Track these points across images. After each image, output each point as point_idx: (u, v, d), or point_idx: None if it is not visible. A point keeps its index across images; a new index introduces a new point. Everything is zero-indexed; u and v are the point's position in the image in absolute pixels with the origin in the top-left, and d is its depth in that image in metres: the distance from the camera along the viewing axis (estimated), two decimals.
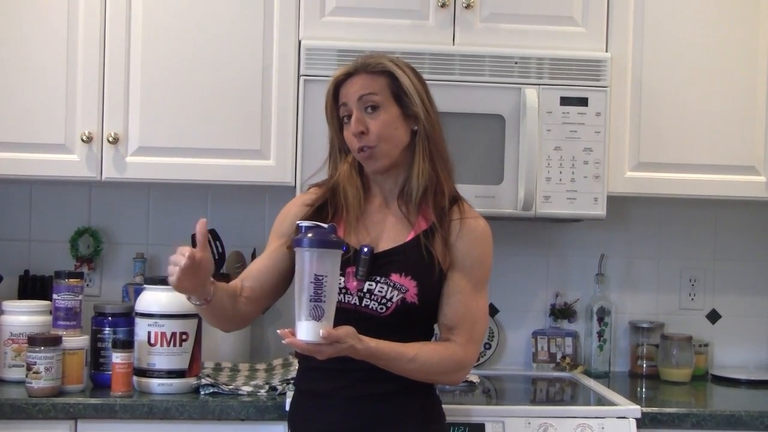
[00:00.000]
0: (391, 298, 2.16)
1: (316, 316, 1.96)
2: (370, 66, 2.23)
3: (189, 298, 2.12)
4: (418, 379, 2.20)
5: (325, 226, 2.02)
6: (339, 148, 2.28)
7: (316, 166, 2.39)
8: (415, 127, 2.23)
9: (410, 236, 2.22)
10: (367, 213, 2.26)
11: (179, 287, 2.04)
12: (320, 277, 1.96)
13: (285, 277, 2.28)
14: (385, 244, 2.23)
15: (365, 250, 2.18)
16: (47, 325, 2.73)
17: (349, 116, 2.22)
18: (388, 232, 2.24)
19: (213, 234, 3.03)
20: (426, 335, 2.25)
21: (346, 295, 2.17)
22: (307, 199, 2.31)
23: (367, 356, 2.06)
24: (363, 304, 2.16)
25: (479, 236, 2.24)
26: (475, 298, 2.23)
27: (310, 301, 1.96)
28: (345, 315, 2.09)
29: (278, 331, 1.99)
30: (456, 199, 2.27)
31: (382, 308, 2.16)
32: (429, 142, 2.23)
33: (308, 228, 2.01)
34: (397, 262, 2.19)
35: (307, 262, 1.97)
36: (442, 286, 2.21)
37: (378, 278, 2.17)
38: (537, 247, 3.26)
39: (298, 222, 2.08)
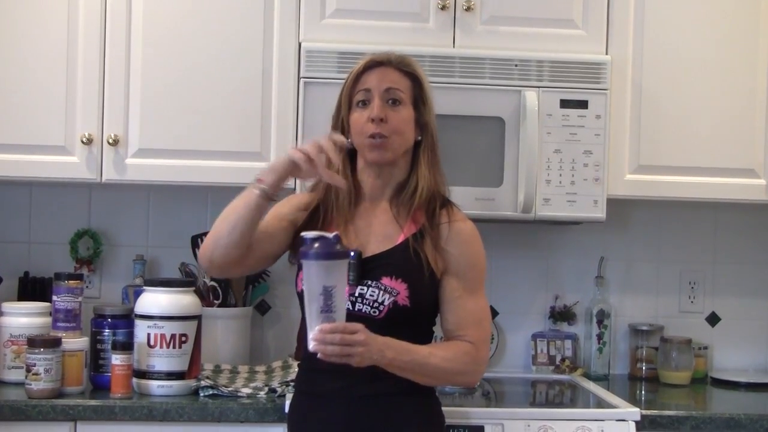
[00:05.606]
0: (383, 301, 2.17)
1: None
2: (402, 64, 2.27)
3: (259, 185, 2.16)
4: (432, 383, 2.21)
5: (330, 235, 2.01)
6: (342, 131, 2.28)
7: None
8: (419, 137, 2.27)
9: (400, 239, 2.23)
10: (355, 215, 2.27)
11: (296, 158, 2.11)
12: (329, 288, 1.96)
13: (275, 251, 2.30)
14: (374, 248, 2.23)
15: (352, 254, 2.17)
16: (47, 327, 2.72)
17: (365, 102, 2.23)
18: (376, 235, 2.25)
19: None
20: (424, 339, 2.25)
21: None
22: (302, 201, 2.33)
23: (384, 346, 2.06)
24: (356, 309, 2.16)
25: (468, 238, 2.25)
26: (474, 300, 2.24)
27: (321, 312, 1.96)
28: None
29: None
30: (445, 203, 2.28)
31: (375, 312, 2.16)
32: (432, 152, 2.27)
33: (313, 239, 1.99)
34: (388, 266, 2.20)
35: (314, 274, 1.96)
36: (433, 288, 2.22)
37: (369, 282, 2.18)
38: (536, 249, 3.26)
39: (302, 234, 2.06)
